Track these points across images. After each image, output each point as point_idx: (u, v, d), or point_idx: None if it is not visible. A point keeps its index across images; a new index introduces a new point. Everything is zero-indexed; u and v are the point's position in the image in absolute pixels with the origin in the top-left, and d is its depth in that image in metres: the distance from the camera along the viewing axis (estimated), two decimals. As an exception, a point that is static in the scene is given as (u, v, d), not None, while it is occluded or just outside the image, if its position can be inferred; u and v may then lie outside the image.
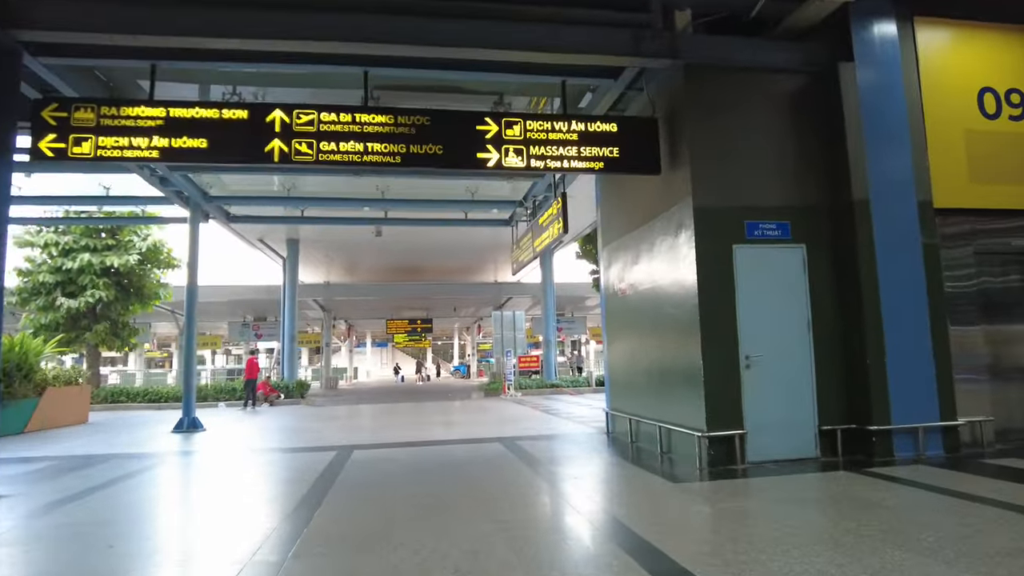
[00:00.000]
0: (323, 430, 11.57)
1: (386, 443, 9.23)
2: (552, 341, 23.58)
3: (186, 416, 11.89)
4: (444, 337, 67.81)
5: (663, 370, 7.60)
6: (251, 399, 18.88)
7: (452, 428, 11.20)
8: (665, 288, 7.50)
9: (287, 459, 8.13)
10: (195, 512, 5.51)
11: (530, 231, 12.43)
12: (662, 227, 7.60)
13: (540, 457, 7.62)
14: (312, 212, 14.41)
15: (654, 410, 7.77)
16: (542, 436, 9.70)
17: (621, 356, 9.20)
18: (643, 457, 7.37)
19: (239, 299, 29.62)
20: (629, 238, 8.71)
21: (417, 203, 13.13)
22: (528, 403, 17.55)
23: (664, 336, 7.53)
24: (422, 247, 24.93)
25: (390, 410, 16.55)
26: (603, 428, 10.29)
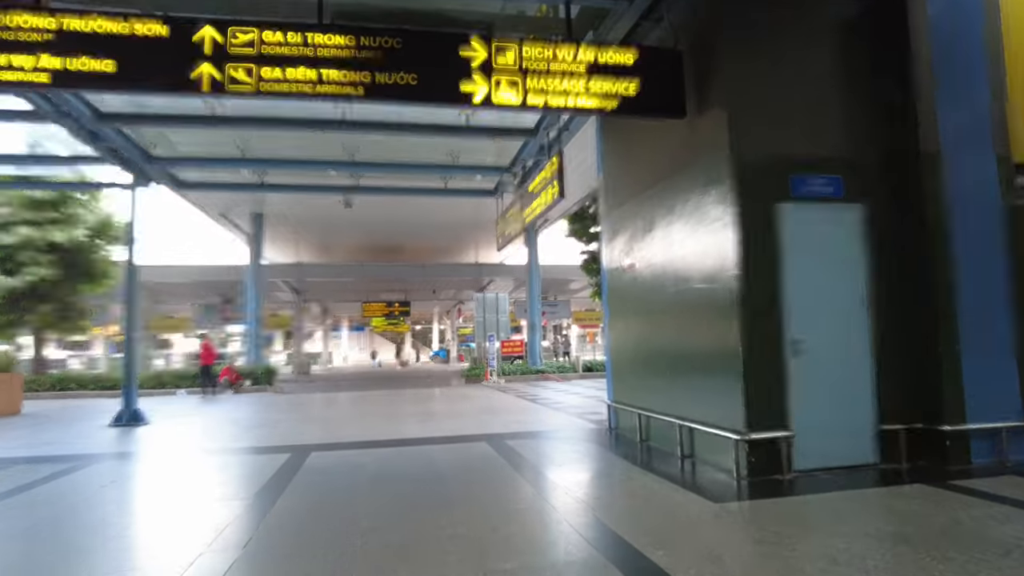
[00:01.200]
0: (282, 423, 10.16)
1: (352, 442, 7.87)
2: (537, 325, 22.32)
3: (126, 408, 10.38)
4: (423, 321, 66.26)
5: (686, 358, 6.31)
6: (210, 385, 17.38)
7: (430, 421, 9.87)
8: (689, 259, 6.20)
9: (225, 465, 6.72)
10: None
11: (518, 200, 11.05)
12: (686, 185, 6.28)
13: (535, 463, 6.31)
14: (273, 178, 12.85)
15: (672, 405, 6.50)
16: (534, 433, 8.41)
17: (627, 341, 7.91)
18: (659, 462, 6.11)
19: (205, 280, 27.87)
20: (640, 201, 7.39)
21: (391, 167, 11.64)
22: (512, 390, 16.28)
23: (688, 317, 6.23)
24: (398, 224, 23.44)
25: (363, 399, 15.16)
26: (602, 422, 9.04)
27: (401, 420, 10.12)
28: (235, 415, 11.86)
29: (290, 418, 10.97)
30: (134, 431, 9.62)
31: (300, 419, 10.80)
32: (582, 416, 10.06)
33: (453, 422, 9.69)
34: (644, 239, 7.24)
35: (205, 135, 10.69)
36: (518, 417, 10.31)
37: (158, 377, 19.33)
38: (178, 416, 11.92)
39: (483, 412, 11.07)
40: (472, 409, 11.68)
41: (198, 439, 8.74)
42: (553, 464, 6.28)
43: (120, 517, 4.70)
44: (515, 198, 11.38)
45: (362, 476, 5.62)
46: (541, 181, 9.58)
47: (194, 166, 11.52)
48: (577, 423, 9.24)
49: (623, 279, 7.90)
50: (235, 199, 18.92)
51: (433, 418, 10.28)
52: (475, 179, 12.50)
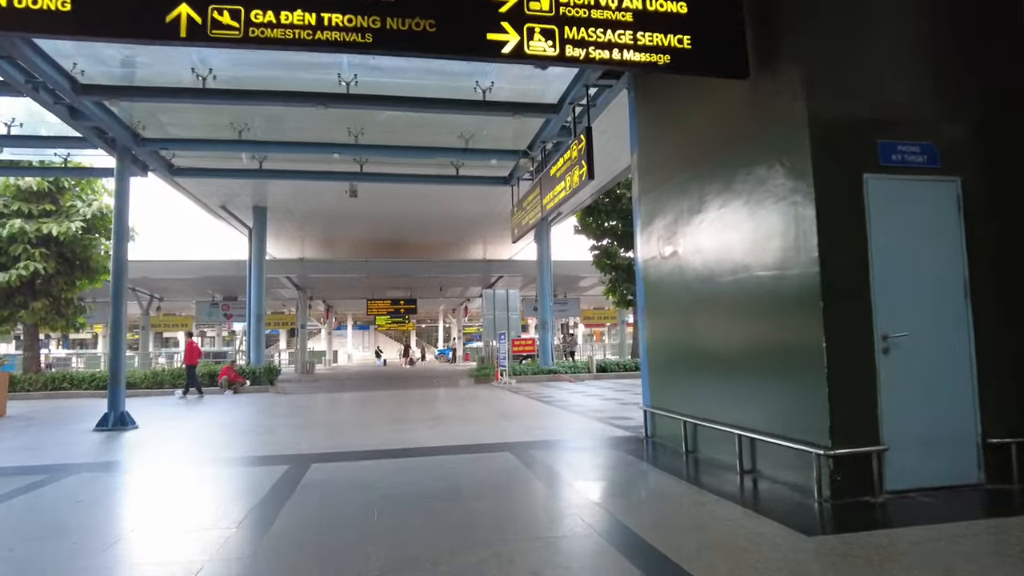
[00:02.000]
0: (281, 428, 9.31)
1: (358, 451, 7.01)
2: (549, 323, 21.43)
3: (112, 411, 9.54)
4: (428, 320, 65.51)
5: (748, 358, 5.43)
6: (194, 386, 16.50)
7: (442, 426, 9.01)
8: (752, 242, 5.32)
9: (212, 479, 5.86)
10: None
11: (538, 186, 10.18)
12: (748, 157, 5.39)
13: (571, 481, 5.44)
14: (274, 164, 11.99)
15: (729, 413, 5.61)
16: (560, 441, 7.55)
17: (669, 339, 7.03)
18: (714, 478, 5.23)
19: (207, 276, 27.04)
20: (685, 179, 6.51)
21: (399, 151, 10.75)
22: (525, 392, 15.41)
23: (751, 310, 5.34)
24: (404, 219, 22.60)
25: (369, 400, 14.32)
26: (632, 428, 8.17)
27: (410, 425, 9.27)
28: (232, 418, 11.02)
29: (290, 422, 10.12)
30: (119, 436, 8.79)
31: (301, 423, 9.96)
32: (608, 421, 9.18)
33: (467, 427, 8.82)
34: (691, 222, 6.35)
35: (198, 115, 9.84)
36: (538, 422, 9.44)
37: (156, 376, 18.51)
38: (170, 419, 11.09)
39: (499, 416, 10.21)
40: (486, 413, 10.82)
41: (187, 446, 7.90)
42: (592, 481, 5.39)
43: (67, 559, 3.85)
44: (534, 184, 10.51)
45: (369, 498, 4.74)
46: (565, 163, 8.71)
47: (187, 148, 10.64)
48: (605, 430, 8.36)
49: (663, 269, 7.02)
50: (235, 190, 18.10)
51: (445, 423, 9.41)
52: (490, 163, 11.60)
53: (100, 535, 4.06)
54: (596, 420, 9.32)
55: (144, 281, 28.16)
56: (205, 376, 18.42)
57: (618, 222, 21.76)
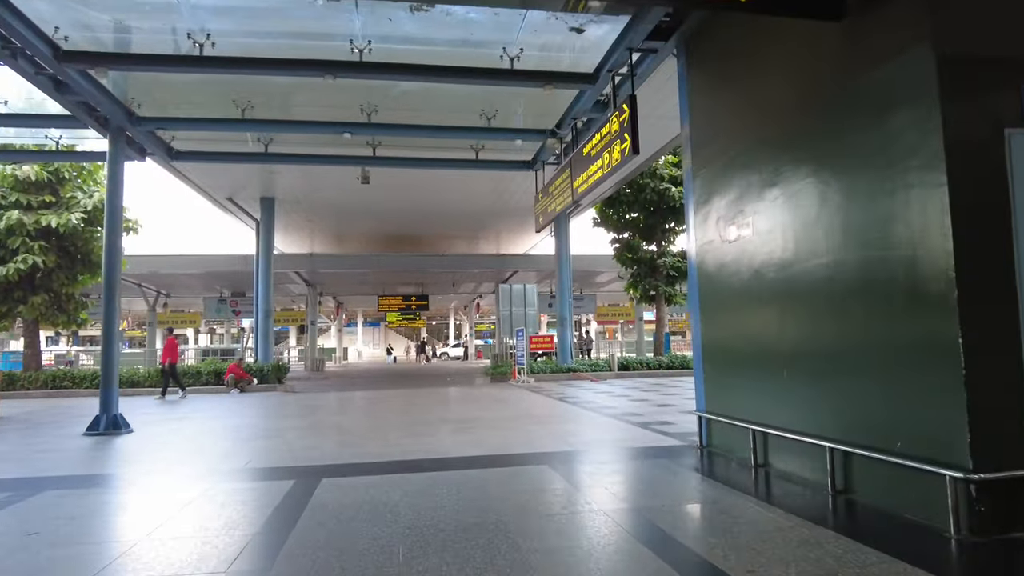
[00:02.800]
0: (289, 432, 8.49)
1: (375, 463, 6.15)
2: (568, 319, 20.51)
3: (104, 413, 8.76)
4: (438, 317, 64.74)
5: (850, 356, 4.48)
6: (174, 385, 15.64)
7: (467, 432, 8.14)
8: (852, 219, 4.40)
9: (204, 500, 5.01)
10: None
11: (567, 168, 9.27)
12: (841, 115, 4.48)
13: (636, 506, 4.56)
14: (281, 147, 11.15)
15: (817, 421, 4.71)
16: (604, 452, 6.66)
17: (732, 335, 6.12)
18: (800, 500, 4.34)
19: (214, 271, 26.30)
20: (754, 149, 5.60)
21: (415, 131, 9.84)
22: (546, 391, 14.53)
23: (856, 299, 4.40)
24: (417, 212, 21.77)
25: (382, 400, 13.49)
26: (677, 435, 7.28)
27: (431, 429, 8.41)
28: (236, 420, 10.22)
29: (298, 425, 9.30)
30: (111, 442, 8.00)
31: (310, 427, 9.13)
32: (647, 426, 8.29)
33: (495, 433, 7.95)
34: (763, 198, 5.44)
35: (198, 92, 9.02)
36: (571, 427, 8.56)
37: (160, 374, 17.78)
38: (170, 420, 10.31)
39: (526, 419, 9.33)
40: (511, 415, 9.95)
41: (181, 455, 7.07)
42: (662, 508, 4.49)
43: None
44: (562, 167, 9.60)
45: (391, 532, 3.87)
46: (601, 139, 7.80)
47: (186, 128, 9.79)
48: (649, 437, 7.47)
49: (724, 255, 6.11)
50: (241, 181, 17.33)
51: (469, 427, 8.55)
52: (513, 144, 10.69)
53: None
54: (635, 425, 8.42)
55: (151, 277, 27.53)
56: (211, 374, 17.74)
57: (640, 214, 20.80)
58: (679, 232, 21.17)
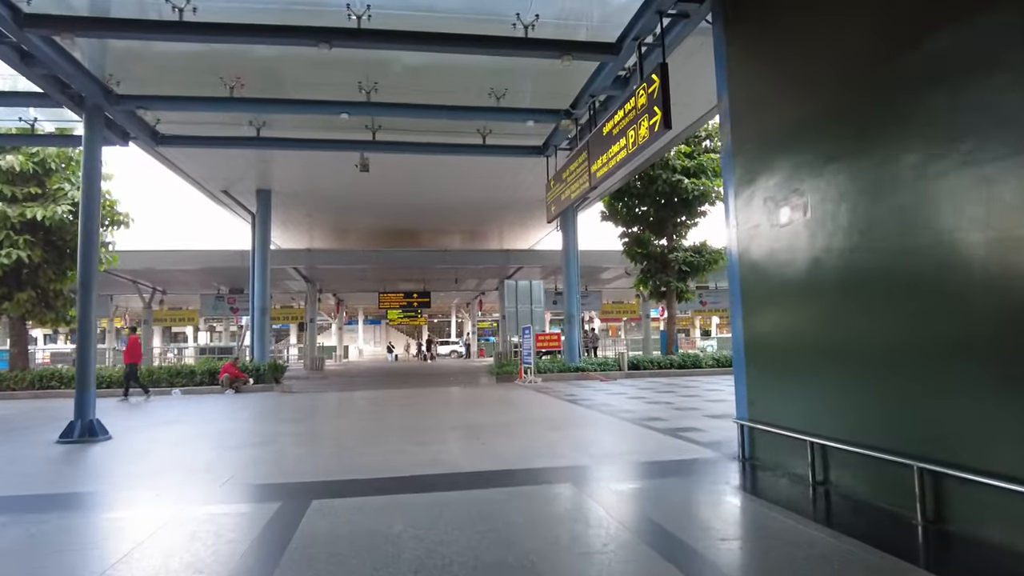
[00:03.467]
0: (281, 439, 7.73)
1: (374, 479, 5.40)
2: (576, 316, 19.74)
3: (79, 419, 8.02)
4: (439, 315, 63.98)
5: (947, 352, 3.73)
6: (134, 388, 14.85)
7: (475, 439, 7.39)
8: (946, 192, 3.64)
9: (170, 527, 4.25)
10: None
11: (584, 151, 8.51)
12: (940, 65, 3.71)
13: (681, 529, 3.80)
14: (274, 131, 10.38)
15: (903, 435, 3.95)
16: (634, 466, 5.89)
17: (784, 331, 5.35)
18: (885, 531, 3.59)
19: (210, 267, 25.50)
20: (810, 117, 4.84)
21: (417, 111, 9.04)
22: (556, 392, 13.77)
23: (960, 286, 3.64)
24: (418, 206, 21.03)
25: (383, 401, 12.74)
26: (711, 443, 6.52)
27: (436, 436, 7.66)
28: (226, 425, 9.47)
29: (293, 431, 8.55)
30: (83, 451, 7.25)
31: (304, 433, 8.38)
32: (674, 433, 7.53)
33: (507, 442, 7.19)
34: (823, 174, 4.67)
35: (182, 66, 8.25)
36: (589, 434, 7.82)
37: (151, 374, 17.05)
38: (154, 425, 9.56)
39: (539, 425, 8.58)
40: (522, 420, 9.19)
41: (158, 467, 6.32)
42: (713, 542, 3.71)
43: None
44: (578, 150, 8.84)
45: (395, 574, 3.12)
46: (625, 115, 7.05)
47: (169, 107, 9.00)
48: (677, 446, 6.70)
49: (774, 241, 5.34)
50: (236, 172, 16.58)
51: (479, 433, 7.79)
52: (525, 126, 9.89)
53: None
54: (660, 432, 7.66)
55: (146, 273, 26.75)
56: (206, 374, 17.00)
57: (650, 207, 20.01)
58: (690, 226, 20.39)
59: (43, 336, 62.85)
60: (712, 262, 19.74)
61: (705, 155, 19.27)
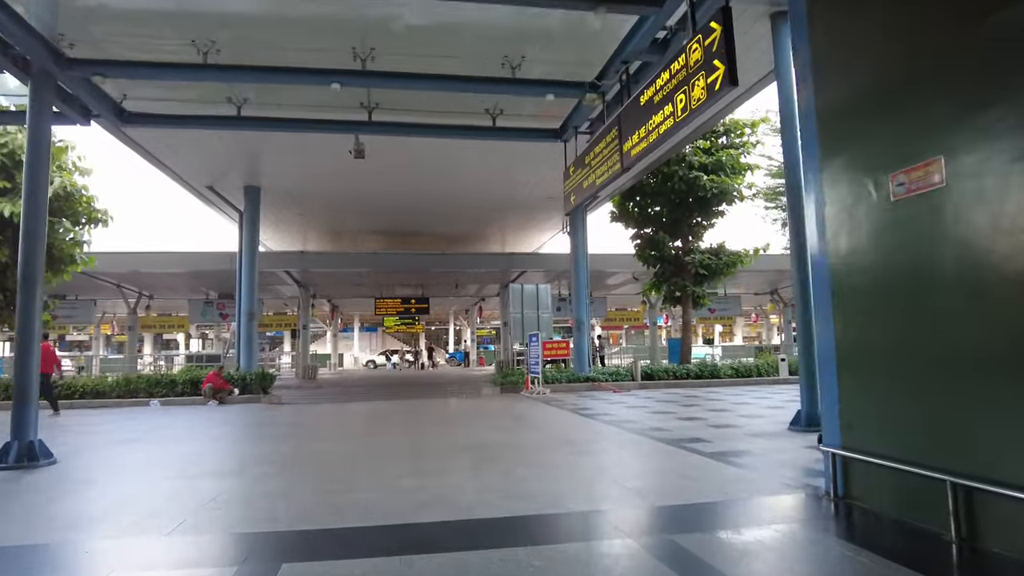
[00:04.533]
0: (255, 467, 6.48)
1: (363, 526, 4.16)
2: (585, 323, 18.51)
3: (16, 439, 6.75)
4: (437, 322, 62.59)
5: None
6: (48, 399, 12.99)
7: (489, 467, 6.14)
8: None
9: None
10: None
11: (615, 128, 7.33)
12: None
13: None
14: (257, 110, 9.17)
15: None
16: (692, 506, 4.65)
17: (905, 333, 4.09)
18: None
19: (199, 270, 24.12)
20: (954, 46, 3.65)
21: (420, 81, 7.83)
22: (569, 405, 12.53)
23: None
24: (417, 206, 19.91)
25: (379, 417, 11.48)
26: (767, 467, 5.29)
27: (441, 462, 6.41)
28: (196, 446, 8.22)
29: (271, 455, 7.30)
30: (16, 481, 5.99)
31: (285, 458, 7.13)
32: (724, 459, 6.31)
33: (529, 471, 5.95)
34: (976, 125, 3.48)
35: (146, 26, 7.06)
36: (624, 459, 6.59)
37: (128, 383, 15.75)
38: (111, 445, 8.28)
39: (562, 447, 7.35)
40: (541, 440, 7.96)
41: (98, 506, 5.06)
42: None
43: None
44: (607, 127, 7.65)
45: None
46: (672, 77, 5.88)
47: (131, 74, 7.77)
48: (736, 476, 5.48)
49: (888, 220, 4.12)
50: (223, 167, 15.39)
51: (492, 459, 6.54)
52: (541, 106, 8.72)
53: None
54: (708, 457, 6.42)
55: (132, 277, 25.41)
56: (188, 384, 15.70)
57: (664, 207, 18.81)
58: (707, 227, 19.20)
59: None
60: (730, 265, 18.53)
61: (724, 151, 18.10)
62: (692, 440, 7.59)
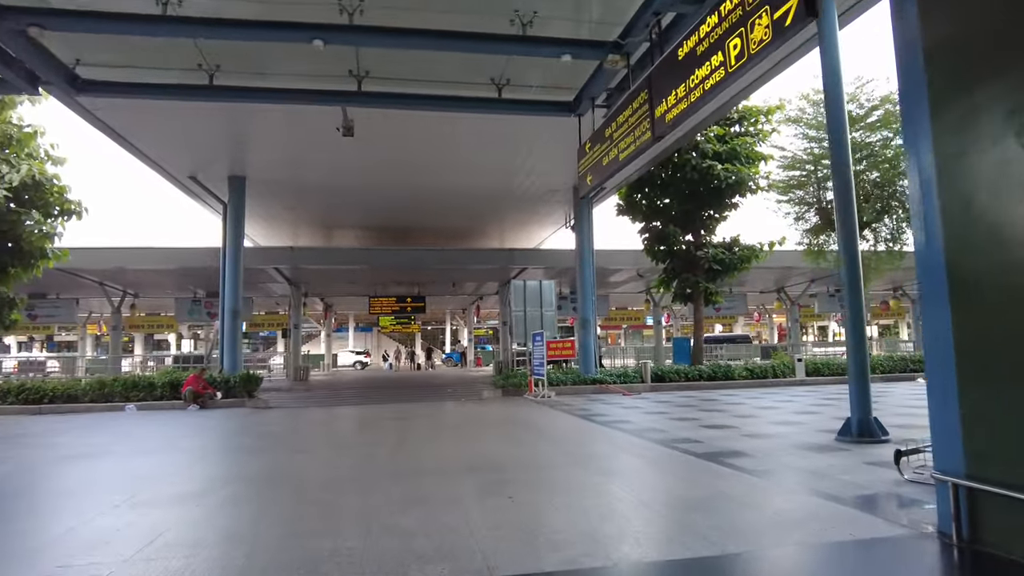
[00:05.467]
0: (217, 489, 5.39)
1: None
2: (591, 322, 17.48)
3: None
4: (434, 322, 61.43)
5: None
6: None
7: (501, 495, 5.07)
8: None
9: None
10: None
11: (645, 91, 6.28)
12: None
13: None
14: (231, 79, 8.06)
15: None
16: (768, 554, 3.59)
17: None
18: None
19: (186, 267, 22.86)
20: None
21: (416, 38, 6.75)
22: (577, 410, 11.46)
23: None
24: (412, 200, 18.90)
25: (369, 423, 10.39)
26: (851, 498, 4.24)
27: (442, 489, 5.33)
28: (157, 463, 7.12)
29: (243, 472, 6.23)
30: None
31: (259, 477, 6.05)
32: (775, 478, 5.28)
33: (552, 499, 4.88)
34: None
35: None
36: (662, 480, 5.53)
37: (102, 386, 14.61)
38: (64, 460, 7.17)
39: (585, 465, 6.28)
40: (559, 456, 6.89)
41: (4, 549, 3.98)
42: None
43: None
44: (633, 91, 6.59)
45: None
46: (722, 19, 4.82)
47: (76, 26, 6.62)
48: (805, 506, 4.42)
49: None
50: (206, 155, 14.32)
51: (504, 484, 5.45)
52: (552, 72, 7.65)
53: None
54: (760, 478, 5.36)
55: (116, 274, 24.18)
56: (167, 386, 14.57)
57: (675, 200, 17.76)
58: (719, 220, 18.15)
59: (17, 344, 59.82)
60: (745, 260, 17.50)
61: (738, 139, 17.05)
62: (731, 454, 6.53)
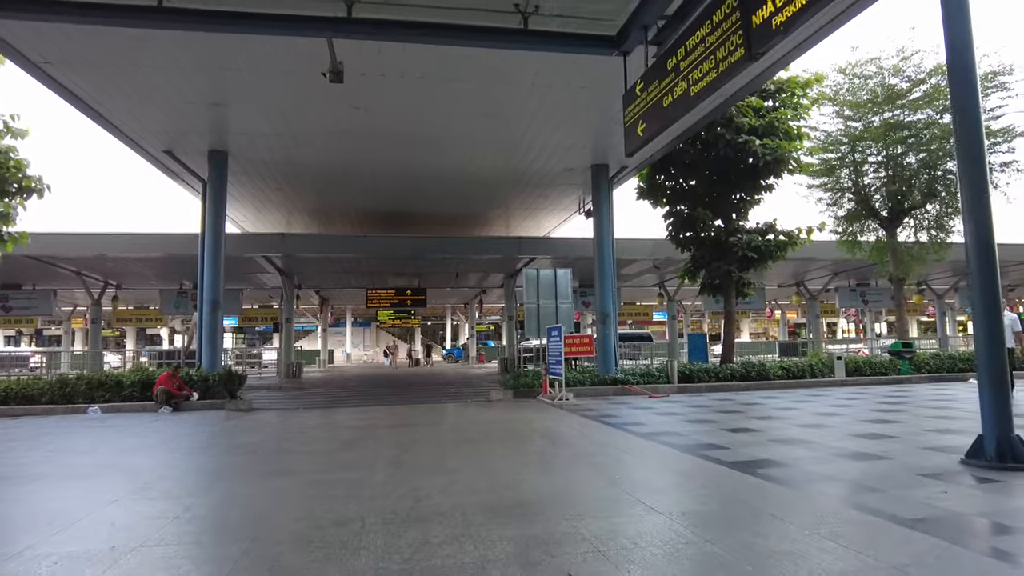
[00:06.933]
0: (149, 545, 3.74)
1: None
2: (612, 316, 15.82)
3: None
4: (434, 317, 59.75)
5: None
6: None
7: (542, 566, 3.45)
8: None
9: None
10: None
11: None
12: None
13: None
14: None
15: None
16: None
17: None
18: None
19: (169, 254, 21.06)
20: None
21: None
22: (604, 416, 9.81)
23: None
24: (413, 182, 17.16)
25: (365, 433, 8.72)
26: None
27: (460, 552, 3.69)
28: (84, 493, 5.48)
29: (190, 509, 4.59)
30: None
31: (208, 520, 4.42)
32: (934, 531, 3.62)
33: (623, 568, 3.24)
34: None
35: None
36: (786, 527, 3.88)
37: (64, 387, 12.93)
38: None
39: (655, 508, 4.63)
40: (608, 489, 5.24)
41: None
42: None
43: None
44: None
45: None
46: None
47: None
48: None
49: None
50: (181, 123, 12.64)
51: (554, 545, 3.80)
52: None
53: None
54: (911, 529, 3.71)
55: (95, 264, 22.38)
56: (137, 386, 12.93)
57: (701, 181, 16.06)
58: (752, 204, 16.43)
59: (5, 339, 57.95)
60: (781, 248, 15.80)
61: (777, 111, 15.34)
62: (831, 479, 4.89)
